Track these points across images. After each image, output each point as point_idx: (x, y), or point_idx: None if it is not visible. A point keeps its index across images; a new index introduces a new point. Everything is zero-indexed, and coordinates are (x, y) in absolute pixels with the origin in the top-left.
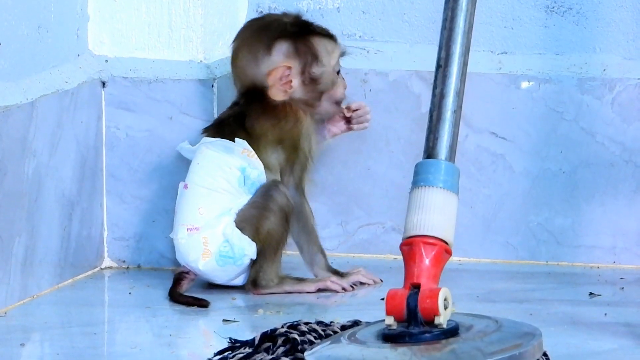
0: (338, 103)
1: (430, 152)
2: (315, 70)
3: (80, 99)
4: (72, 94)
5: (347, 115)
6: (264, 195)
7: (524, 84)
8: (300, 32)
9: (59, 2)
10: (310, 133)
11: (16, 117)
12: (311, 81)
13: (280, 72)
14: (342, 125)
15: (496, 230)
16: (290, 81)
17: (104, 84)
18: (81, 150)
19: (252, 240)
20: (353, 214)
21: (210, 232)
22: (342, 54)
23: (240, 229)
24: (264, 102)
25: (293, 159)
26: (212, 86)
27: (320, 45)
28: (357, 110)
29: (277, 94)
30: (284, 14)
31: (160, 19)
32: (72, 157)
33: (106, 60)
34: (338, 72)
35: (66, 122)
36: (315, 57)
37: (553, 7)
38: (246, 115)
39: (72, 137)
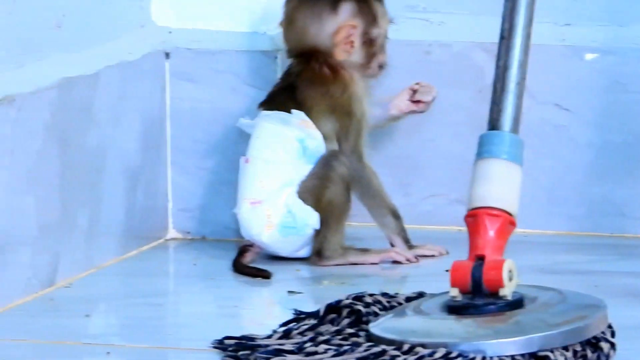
0: (382, 67)
1: (494, 123)
2: (374, 31)
3: (143, 70)
4: (136, 65)
5: (415, 88)
6: (324, 165)
7: (588, 56)
8: None
9: None
10: (361, 96)
11: (80, 89)
12: (369, 42)
13: (346, 31)
14: (407, 102)
15: (560, 202)
16: (352, 41)
17: (167, 55)
18: (145, 121)
19: (314, 210)
20: (416, 185)
21: (273, 204)
22: (391, 20)
23: (302, 200)
24: (312, 70)
25: (347, 125)
26: (276, 57)
27: (378, 7)
28: (424, 86)
29: (340, 54)
30: None
31: None
32: (136, 129)
33: (170, 32)
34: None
35: (130, 93)
36: (374, 19)
37: None
38: (296, 87)
39: (135, 108)
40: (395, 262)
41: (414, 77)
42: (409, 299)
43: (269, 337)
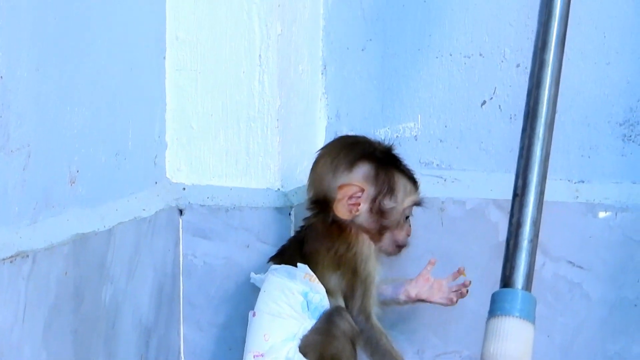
0: (399, 247)
1: (507, 281)
2: (387, 203)
3: (157, 226)
4: (150, 221)
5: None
6: (327, 321)
7: (602, 213)
8: (386, 161)
9: (137, 129)
10: (369, 256)
11: (94, 244)
12: (379, 212)
13: (351, 190)
14: (419, 289)
15: (573, 358)
16: (359, 204)
17: (181, 211)
18: (158, 277)
19: None
20: (429, 342)
21: (274, 357)
22: (418, 202)
23: (304, 354)
24: (322, 224)
25: (352, 284)
26: (289, 214)
27: (401, 182)
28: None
29: (342, 211)
30: (378, 141)
31: (238, 147)
32: (150, 284)
33: (184, 188)
34: (407, 217)
35: (144, 249)
36: (391, 190)
37: (630, 136)
38: (305, 241)
39: (149, 263)
40: None
41: (428, 234)
42: None
43: None
